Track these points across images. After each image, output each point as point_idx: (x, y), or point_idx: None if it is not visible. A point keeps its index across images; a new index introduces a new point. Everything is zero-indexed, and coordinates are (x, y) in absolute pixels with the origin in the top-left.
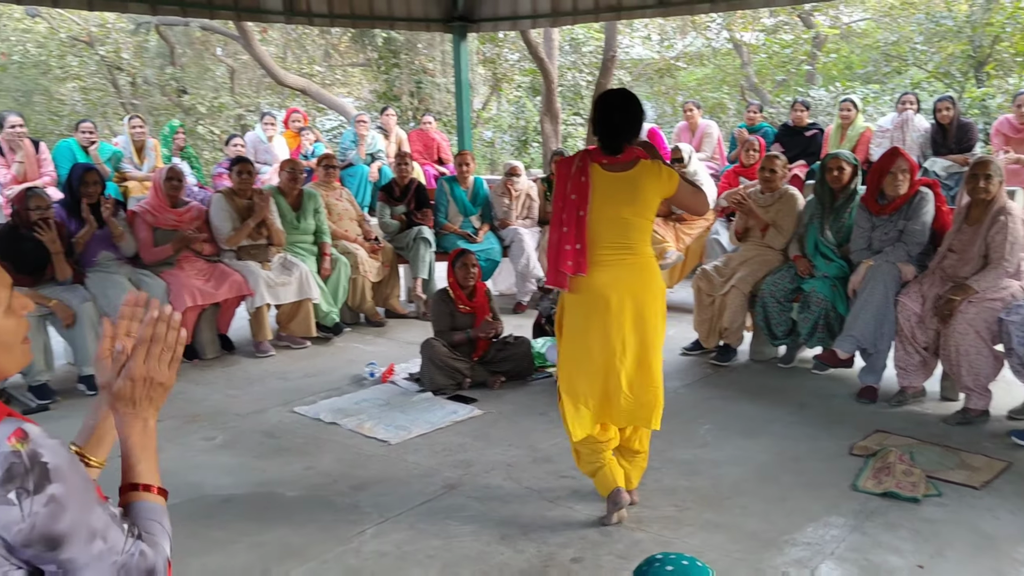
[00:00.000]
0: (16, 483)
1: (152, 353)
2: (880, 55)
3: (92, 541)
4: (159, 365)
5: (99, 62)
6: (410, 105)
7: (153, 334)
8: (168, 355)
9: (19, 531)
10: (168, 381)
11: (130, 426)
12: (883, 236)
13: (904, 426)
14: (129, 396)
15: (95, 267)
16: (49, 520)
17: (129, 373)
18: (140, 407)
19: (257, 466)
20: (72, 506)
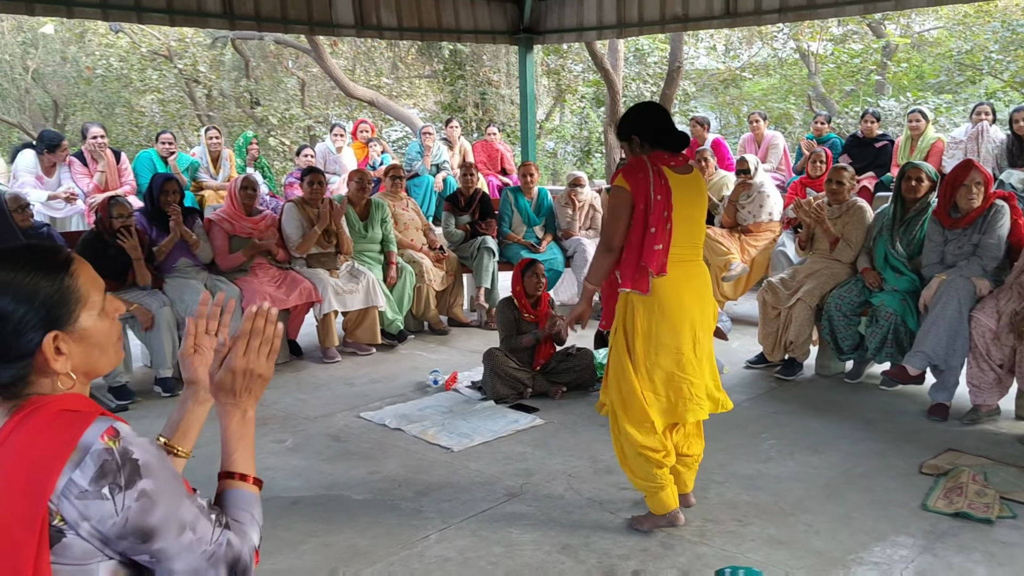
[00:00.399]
0: (109, 479)
1: (251, 346)
2: (953, 64)
3: (182, 533)
4: (258, 358)
5: (177, 75)
6: (474, 116)
7: (252, 328)
8: (267, 348)
9: (113, 524)
10: (267, 373)
11: (229, 416)
12: (956, 250)
13: (977, 445)
14: (230, 387)
15: (173, 273)
16: (141, 514)
17: (230, 365)
18: (240, 398)
19: (324, 469)
20: (162, 500)
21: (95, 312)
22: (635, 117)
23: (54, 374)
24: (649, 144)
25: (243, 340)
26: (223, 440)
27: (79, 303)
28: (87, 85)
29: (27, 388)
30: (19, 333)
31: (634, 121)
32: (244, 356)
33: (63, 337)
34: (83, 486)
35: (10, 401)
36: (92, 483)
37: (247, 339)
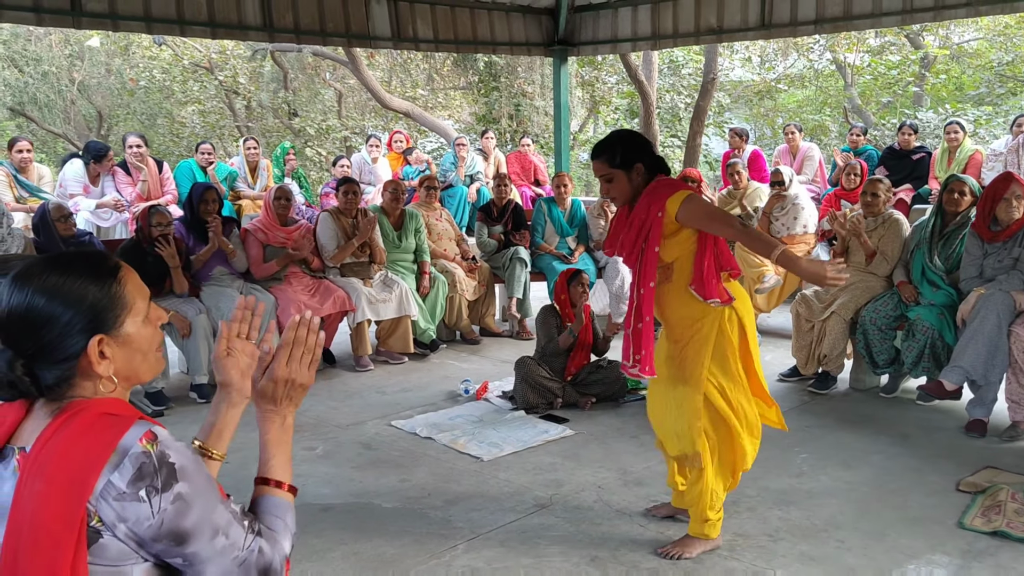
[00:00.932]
0: (146, 482)
1: (294, 356)
2: (993, 75)
3: (215, 537)
4: (300, 367)
5: (218, 87)
6: (508, 127)
7: (295, 338)
8: (308, 357)
9: (149, 526)
10: (308, 381)
11: (270, 422)
12: (996, 264)
13: (1016, 463)
14: (271, 395)
15: (210, 281)
16: (176, 517)
17: (272, 374)
18: (281, 405)
19: (355, 477)
20: (197, 504)
21: (140, 319)
22: (634, 144)
23: (97, 377)
24: (650, 173)
25: (286, 349)
26: (262, 445)
27: (125, 309)
28: (130, 96)
29: (70, 390)
30: (65, 336)
31: (635, 148)
32: (287, 365)
33: (108, 341)
34: (121, 488)
35: (54, 403)
36: (130, 485)
37: (290, 348)
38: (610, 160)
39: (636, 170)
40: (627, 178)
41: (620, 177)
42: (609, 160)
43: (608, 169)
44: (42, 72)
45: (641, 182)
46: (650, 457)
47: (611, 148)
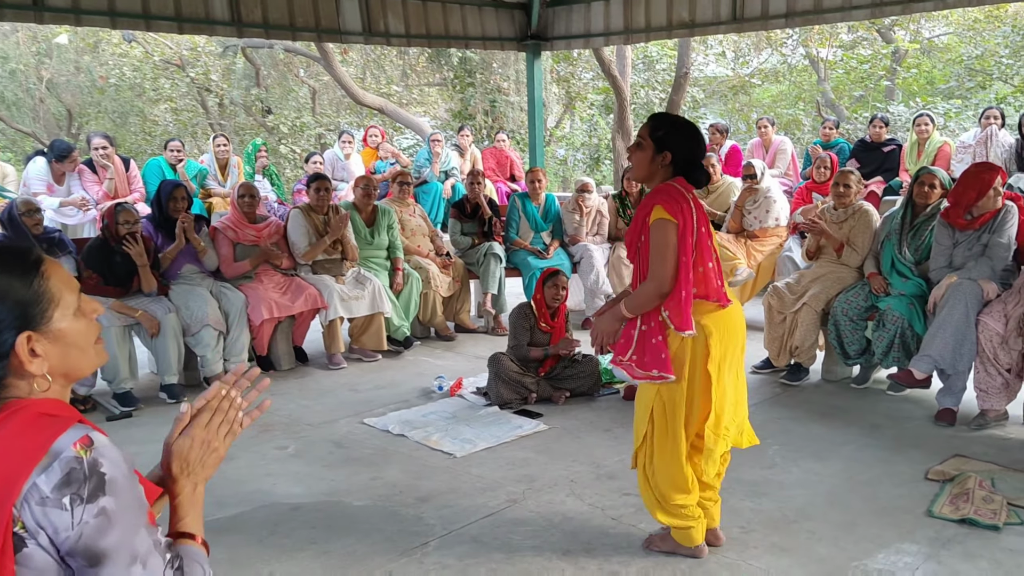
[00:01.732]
0: (72, 489)
1: (213, 421)
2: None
3: (132, 565)
4: (217, 433)
5: (189, 84)
6: (484, 123)
7: (218, 407)
8: (226, 428)
9: (67, 538)
10: (222, 451)
11: (180, 487)
12: (965, 252)
13: (984, 451)
14: (186, 455)
15: (179, 280)
16: (95, 533)
17: (191, 432)
18: (193, 468)
19: (326, 475)
20: (120, 523)
21: (69, 312)
22: (682, 135)
23: (30, 376)
24: (675, 169)
25: (208, 413)
26: (172, 508)
27: (52, 303)
28: (101, 94)
29: (5, 391)
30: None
31: (678, 138)
32: (205, 428)
33: (37, 338)
34: (45, 492)
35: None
36: (55, 490)
37: (211, 413)
38: (652, 131)
39: (663, 155)
40: (651, 155)
41: (648, 150)
42: (652, 130)
43: (646, 136)
44: (9, 70)
45: (660, 172)
46: (623, 451)
47: (662, 122)
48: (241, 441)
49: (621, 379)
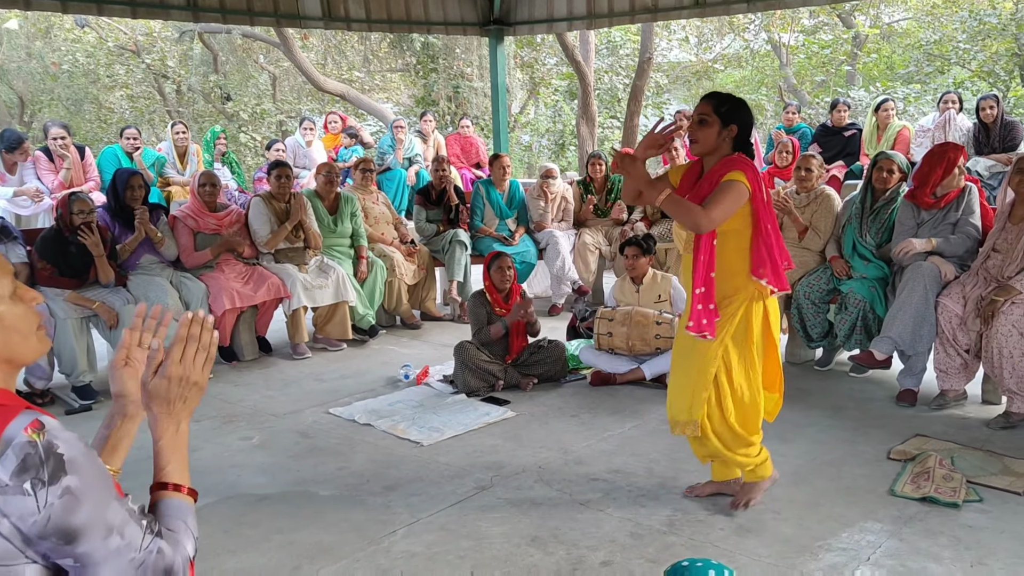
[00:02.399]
0: (31, 473)
1: (187, 354)
2: (922, 54)
3: (109, 536)
4: (194, 365)
5: (145, 71)
6: (448, 109)
7: (188, 334)
8: (203, 356)
9: (35, 523)
10: (202, 381)
11: (163, 428)
12: (931, 231)
13: (944, 430)
14: (164, 395)
15: (138, 270)
16: (64, 512)
17: (166, 372)
18: (175, 407)
19: (291, 466)
20: (88, 499)
21: (6, 295)
22: (744, 111)
23: None
24: (735, 144)
25: (179, 346)
26: (155, 453)
27: None
28: (54, 81)
29: None
30: None
31: (742, 113)
32: (180, 363)
33: None
34: (3, 480)
35: None
36: (13, 477)
37: (183, 345)
38: (717, 107)
39: (729, 130)
40: (718, 131)
41: (714, 125)
42: (716, 107)
43: (711, 113)
44: None
45: (724, 145)
46: (591, 436)
47: (725, 99)
48: (205, 432)
49: (587, 364)
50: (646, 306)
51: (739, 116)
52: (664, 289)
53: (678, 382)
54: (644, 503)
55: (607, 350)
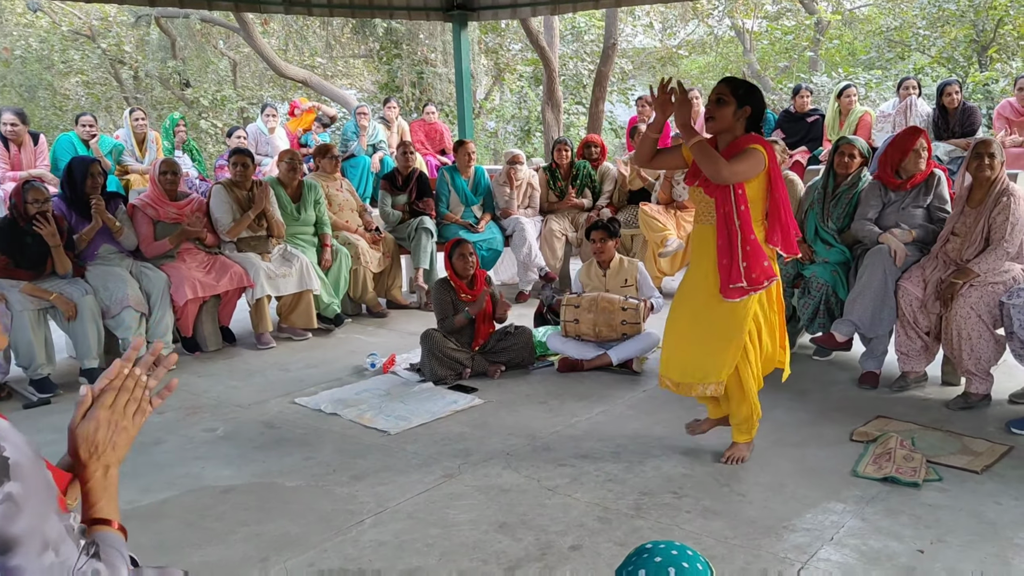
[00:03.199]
0: None
1: (119, 400)
2: (883, 41)
3: (43, 552)
4: (124, 412)
5: (101, 56)
6: (412, 96)
7: (122, 385)
8: (133, 406)
9: None
10: (132, 430)
11: (90, 471)
12: (898, 211)
13: (905, 411)
14: (91, 438)
15: (96, 260)
16: (2, 520)
17: (94, 415)
18: (102, 452)
19: (257, 457)
20: (28, 509)
21: None
22: (758, 94)
23: None
24: (748, 124)
25: (111, 393)
26: (84, 494)
27: None
28: (6, 67)
29: None
30: None
31: (756, 96)
32: (110, 408)
33: None
34: None
35: None
36: None
37: (115, 393)
38: (734, 90)
39: (744, 111)
40: (734, 111)
41: (731, 105)
42: (733, 89)
43: (728, 94)
44: None
45: (739, 125)
46: (558, 422)
47: (742, 83)
48: (168, 424)
49: (555, 351)
50: (613, 291)
51: (753, 99)
52: (631, 274)
53: (701, 348)
54: (612, 487)
55: (574, 337)
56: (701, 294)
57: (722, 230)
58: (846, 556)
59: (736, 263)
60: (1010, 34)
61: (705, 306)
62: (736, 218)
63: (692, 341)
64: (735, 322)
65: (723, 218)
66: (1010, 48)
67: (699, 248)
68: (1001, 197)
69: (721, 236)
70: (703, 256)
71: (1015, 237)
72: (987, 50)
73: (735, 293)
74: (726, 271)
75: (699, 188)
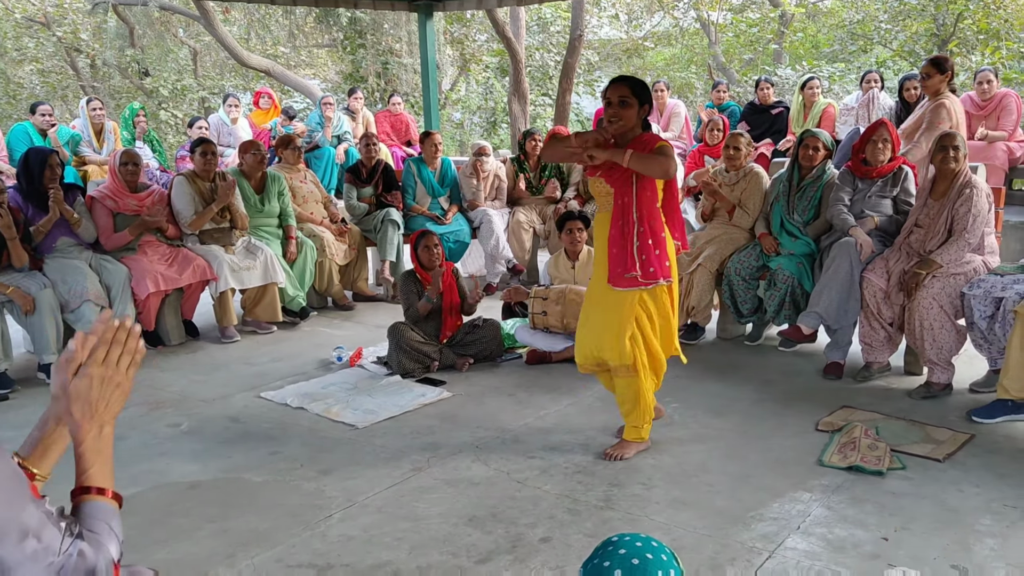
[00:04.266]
0: None
1: (111, 355)
2: (846, 34)
3: (24, 539)
4: (117, 367)
5: (57, 44)
6: (377, 86)
7: (114, 338)
8: (127, 359)
9: None
10: (126, 384)
11: (85, 431)
12: (864, 198)
13: (869, 401)
14: (86, 396)
15: (54, 253)
16: None
17: (87, 371)
18: (96, 409)
19: (222, 452)
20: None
21: None
22: (649, 92)
23: None
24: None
25: (103, 348)
26: (77, 457)
27: None
28: None
29: None
30: None
31: (648, 94)
32: (103, 364)
33: None
34: None
35: None
36: None
37: (107, 346)
38: (635, 90)
39: (644, 110)
40: (637, 112)
41: (635, 107)
42: (634, 90)
43: (631, 95)
44: None
45: (638, 124)
46: (527, 415)
47: (639, 82)
48: (131, 419)
49: (523, 343)
50: (581, 282)
51: (648, 97)
52: None
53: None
54: (581, 479)
55: (542, 329)
56: (601, 281)
57: (616, 219)
58: (812, 544)
59: (630, 253)
60: (969, 28)
61: (603, 292)
62: (635, 209)
63: (592, 326)
64: (625, 310)
65: (620, 208)
66: (970, 42)
67: (600, 236)
68: (964, 189)
69: (615, 226)
70: (603, 244)
71: (976, 229)
72: (947, 44)
73: (625, 283)
74: (617, 260)
75: (600, 179)
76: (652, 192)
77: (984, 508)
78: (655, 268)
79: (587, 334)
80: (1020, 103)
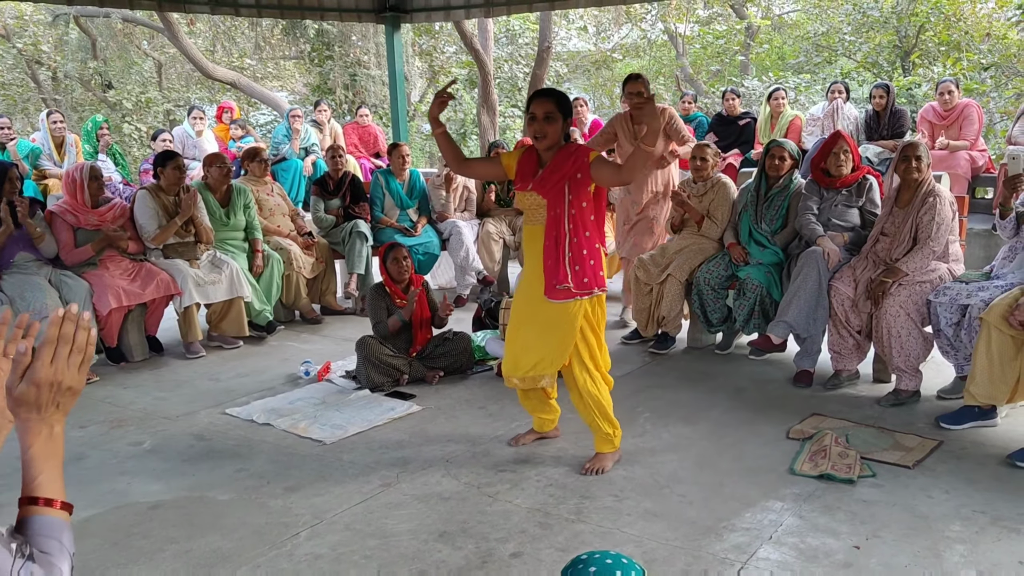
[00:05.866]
0: None
1: (59, 354)
2: (811, 45)
3: None
4: (67, 368)
5: (17, 56)
6: (345, 98)
7: (60, 334)
8: (78, 357)
9: None
10: (77, 385)
11: (34, 433)
12: (831, 208)
13: (839, 409)
14: (34, 401)
15: (12, 269)
16: None
17: (34, 377)
18: (46, 412)
19: (186, 470)
20: None
21: None
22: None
23: None
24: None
25: (50, 348)
26: (25, 462)
27: None
28: None
29: None
30: None
31: (569, 106)
32: (51, 366)
33: None
34: None
35: None
36: None
37: (54, 347)
38: (559, 105)
39: (568, 122)
40: (562, 125)
41: (560, 121)
42: (558, 104)
43: (555, 110)
44: None
45: (560, 136)
46: (498, 427)
47: (564, 97)
48: (92, 438)
49: (494, 355)
50: None
51: (570, 109)
52: None
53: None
54: (552, 492)
55: None
56: (534, 294)
57: (550, 231)
58: (785, 555)
59: (563, 264)
60: (931, 40)
61: (538, 305)
62: (567, 221)
63: (525, 339)
64: (567, 319)
65: (553, 220)
66: (932, 54)
67: (530, 249)
68: (928, 198)
69: (549, 237)
70: (534, 256)
71: (941, 236)
72: (910, 55)
73: (560, 295)
74: (551, 272)
75: (532, 191)
76: (588, 203)
77: (954, 514)
78: (589, 279)
79: (519, 350)
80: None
